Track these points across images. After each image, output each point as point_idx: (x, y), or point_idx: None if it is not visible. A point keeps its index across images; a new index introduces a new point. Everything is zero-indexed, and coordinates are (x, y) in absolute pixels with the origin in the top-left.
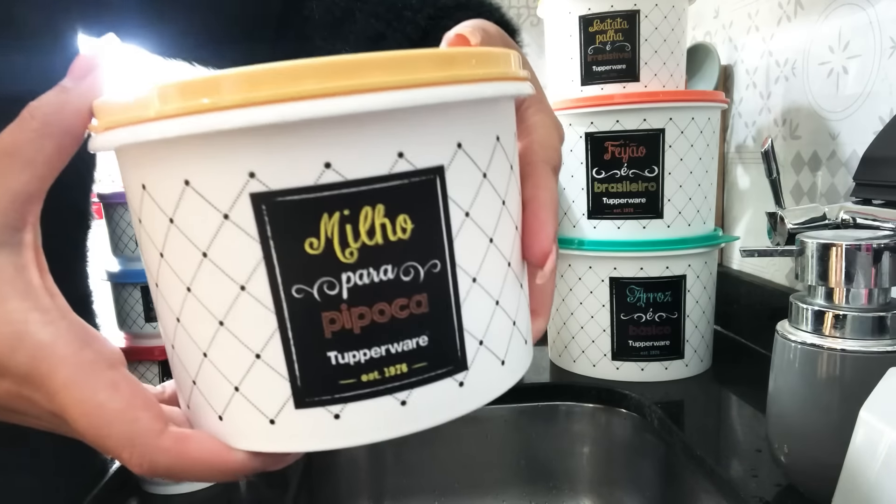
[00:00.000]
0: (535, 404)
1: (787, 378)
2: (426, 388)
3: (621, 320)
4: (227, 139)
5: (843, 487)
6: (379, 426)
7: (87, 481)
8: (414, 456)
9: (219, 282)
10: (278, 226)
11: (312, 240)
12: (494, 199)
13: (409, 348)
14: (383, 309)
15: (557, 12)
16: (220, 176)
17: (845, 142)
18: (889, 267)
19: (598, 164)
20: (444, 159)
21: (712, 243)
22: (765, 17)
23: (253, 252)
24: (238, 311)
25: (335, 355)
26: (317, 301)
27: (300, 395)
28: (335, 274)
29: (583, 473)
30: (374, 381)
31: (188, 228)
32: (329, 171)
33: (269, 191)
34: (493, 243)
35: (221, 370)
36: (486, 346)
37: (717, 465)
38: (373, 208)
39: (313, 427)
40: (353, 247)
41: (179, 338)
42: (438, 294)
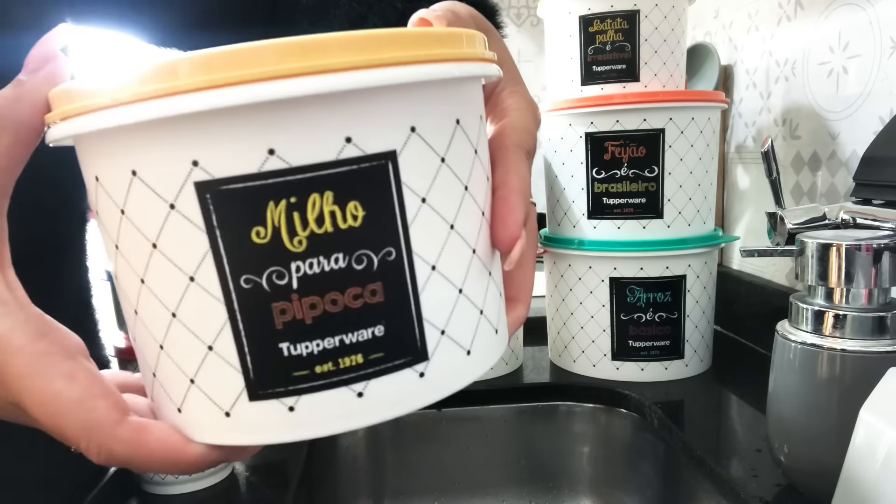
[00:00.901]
0: (535, 404)
1: (787, 378)
2: (384, 378)
3: (621, 320)
4: (169, 127)
5: (843, 487)
6: (334, 418)
7: (86, 481)
8: (414, 456)
9: (169, 273)
10: (224, 215)
11: (259, 228)
12: (455, 184)
13: (365, 338)
14: (336, 299)
15: (557, 12)
16: (165, 165)
17: (845, 142)
18: (889, 267)
19: (598, 164)
20: (396, 144)
21: (712, 243)
22: (765, 17)
23: (200, 242)
24: (189, 303)
25: (287, 346)
26: (266, 291)
27: (253, 388)
28: (284, 263)
29: (583, 473)
30: (328, 372)
31: (138, 219)
32: (273, 158)
33: (212, 179)
34: (454, 230)
35: (177, 362)
36: (448, 335)
37: (717, 465)
38: (321, 195)
39: (268, 419)
40: (301, 235)
41: (139, 330)
42: (394, 283)
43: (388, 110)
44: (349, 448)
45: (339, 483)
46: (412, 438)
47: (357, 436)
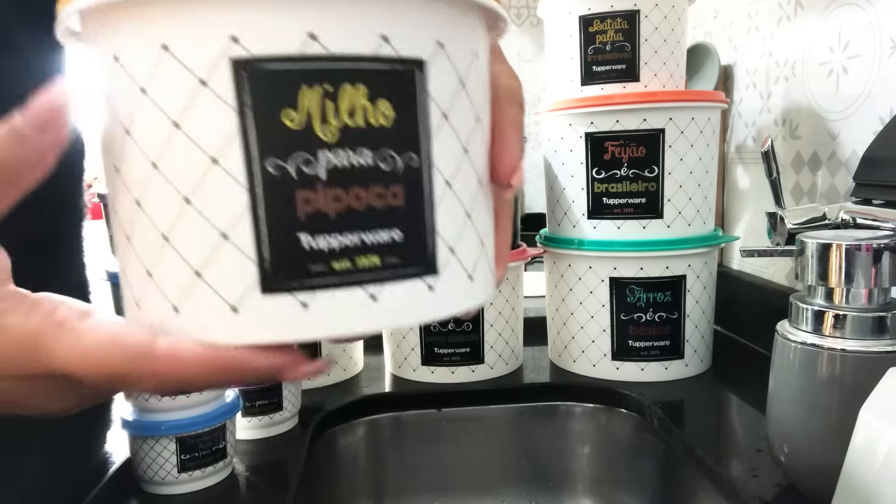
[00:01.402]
0: (535, 404)
1: (787, 378)
2: (397, 284)
3: (621, 320)
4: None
5: (843, 487)
6: (348, 319)
7: (86, 481)
8: (414, 456)
9: (189, 154)
10: (257, 94)
11: (291, 112)
12: (470, 111)
13: (383, 240)
14: (360, 195)
15: (557, 12)
16: (201, 39)
17: (845, 142)
18: (889, 267)
19: (598, 164)
20: (425, 54)
21: (712, 243)
22: (765, 17)
23: (229, 122)
24: (207, 187)
25: (307, 239)
26: (292, 178)
27: (268, 280)
28: (313, 151)
29: (583, 473)
30: (345, 270)
31: (161, 97)
32: (313, 43)
33: (250, 57)
34: (467, 154)
35: (183, 254)
36: (456, 255)
37: (717, 465)
38: (355, 88)
39: (279, 316)
40: (333, 125)
41: (138, 224)
42: (414, 189)
43: (420, 19)
44: (349, 448)
45: (339, 483)
46: (412, 438)
47: (357, 436)
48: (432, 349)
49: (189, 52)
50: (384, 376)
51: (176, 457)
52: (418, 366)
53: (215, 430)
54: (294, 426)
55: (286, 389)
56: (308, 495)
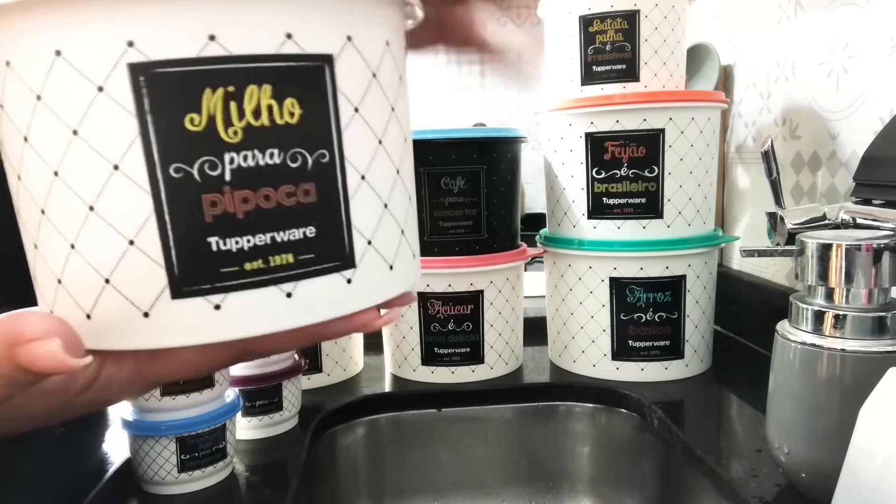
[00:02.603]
0: (535, 404)
1: (787, 378)
2: (313, 280)
3: (621, 320)
4: (104, 3)
5: (843, 487)
6: (263, 318)
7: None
8: (414, 456)
9: (90, 162)
10: (157, 99)
11: (193, 115)
12: (384, 102)
13: (296, 238)
14: (268, 194)
15: (557, 12)
16: (96, 44)
17: (845, 142)
18: (889, 267)
19: (598, 164)
20: (333, 49)
21: (712, 243)
22: (765, 17)
23: (129, 127)
24: (110, 194)
25: (216, 241)
26: (197, 182)
27: (177, 284)
28: (218, 153)
29: (583, 473)
30: (258, 269)
31: (57, 104)
32: (213, 44)
33: (148, 61)
34: (381, 145)
35: (91, 262)
36: (374, 246)
37: (717, 465)
38: (259, 87)
39: (192, 319)
40: (237, 126)
41: (44, 233)
42: (326, 185)
43: (328, 14)
44: (349, 448)
45: (339, 483)
46: (412, 438)
47: (357, 435)
48: (432, 349)
49: (84, 57)
50: (384, 376)
51: (176, 457)
52: (418, 366)
53: (215, 430)
54: (294, 426)
55: (286, 389)
56: (308, 495)
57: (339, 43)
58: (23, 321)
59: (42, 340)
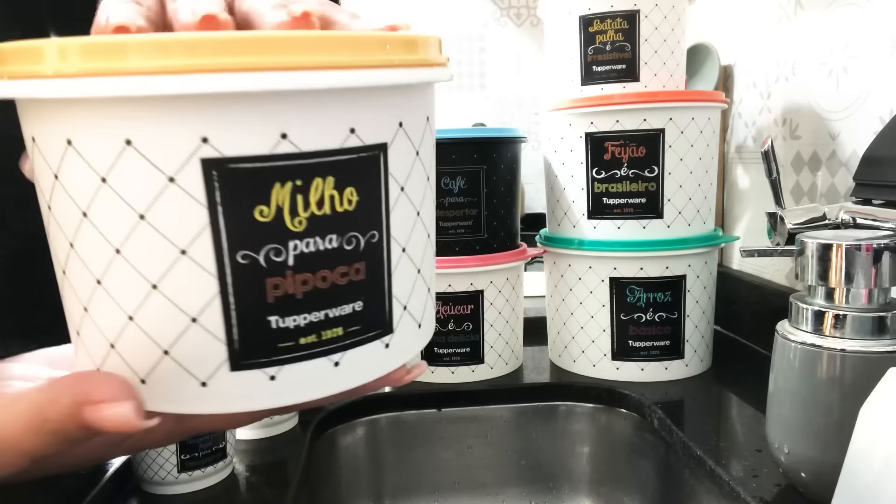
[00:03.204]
0: (535, 404)
1: (787, 378)
2: (357, 349)
3: (621, 320)
4: (180, 102)
5: (843, 487)
6: (312, 386)
7: (86, 480)
8: (414, 456)
9: (156, 245)
10: (228, 192)
11: (263, 207)
12: (423, 174)
13: (346, 313)
14: (325, 276)
15: (557, 12)
16: (169, 139)
17: (845, 142)
18: (889, 267)
19: (598, 164)
20: (388, 137)
21: (712, 243)
22: (765, 17)
23: (198, 217)
24: (175, 275)
25: (276, 319)
26: (262, 267)
27: (236, 359)
28: (283, 241)
29: (583, 473)
30: (311, 343)
31: (125, 190)
32: (284, 142)
33: (221, 157)
34: (419, 217)
35: (150, 334)
36: (408, 311)
37: (717, 465)
38: (324, 180)
39: (247, 388)
40: (302, 216)
41: (99, 301)
42: (374, 263)
43: (387, 106)
44: (349, 448)
45: (339, 483)
46: (412, 438)
47: (357, 436)
48: (432, 349)
49: (156, 149)
50: None
51: (176, 457)
52: None
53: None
54: (294, 426)
55: None
56: (308, 495)
57: (393, 131)
58: (91, 382)
59: (112, 402)
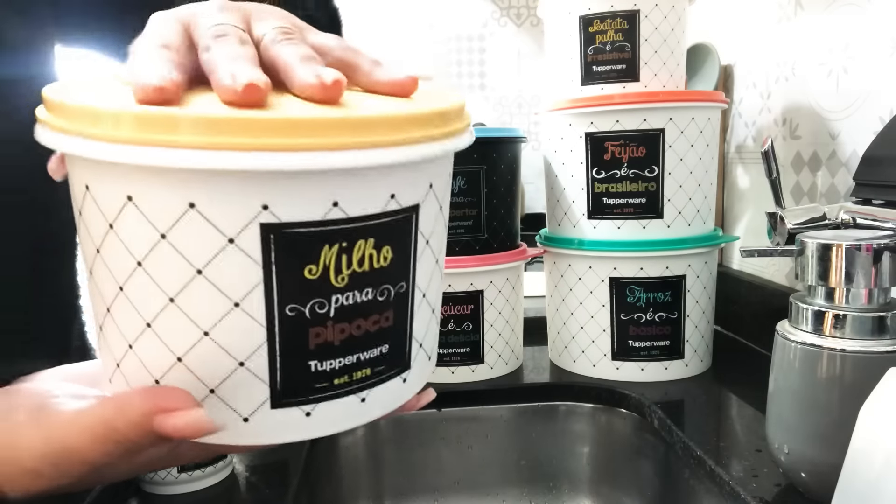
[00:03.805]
0: (535, 404)
1: (787, 378)
2: (381, 386)
3: (621, 320)
4: (244, 175)
5: (843, 487)
6: (342, 420)
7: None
8: (414, 456)
9: (211, 297)
10: (282, 254)
11: (312, 266)
12: (443, 225)
13: (374, 355)
14: (360, 324)
15: (557, 12)
16: (232, 205)
17: (845, 142)
18: (889, 267)
19: (598, 164)
20: (420, 199)
21: (712, 243)
22: (765, 17)
23: (254, 274)
24: (227, 325)
25: (315, 363)
26: (307, 318)
27: (277, 398)
28: (327, 296)
29: (583, 473)
30: (344, 383)
31: (184, 247)
32: (335, 209)
33: (278, 222)
34: (437, 263)
35: (198, 375)
36: (423, 347)
37: (717, 465)
38: (366, 241)
39: (285, 423)
40: (345, 273)
41: (147, 341)
42: (400, 310)
43: (421, 173)
44: (349, 448)
45: (339, 483)
46: (412, 438)
47: (357, 436)
48: None
49: (219, 214)
50: None
51: None
52: None
53: None
54: None
55: None
56: (308, 495)
57: (424, 192)
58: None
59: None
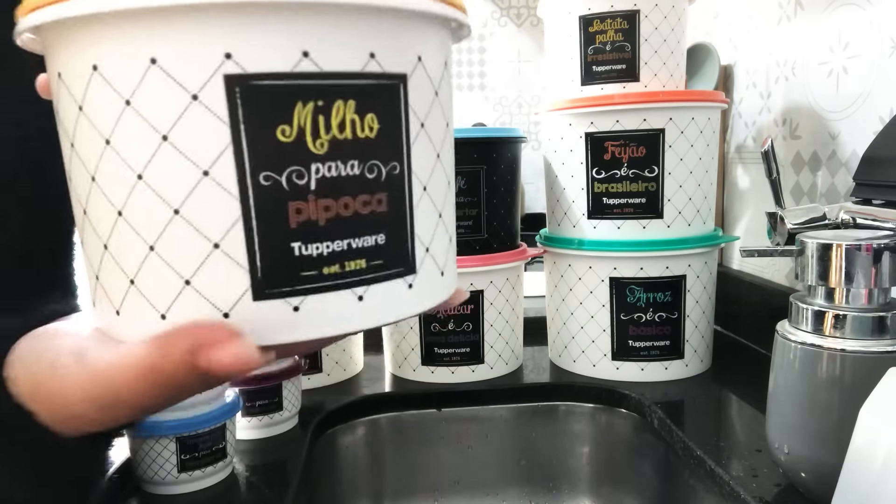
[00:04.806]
0: (535, 404)
1: (787, 378)
2: (381, 285)
3: (621, 320)
4: (203, 15)
5: (843, 487)
6: (335, 320)
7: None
8: (414, 456)
9: (178, 167)
10: (251, 110)
11: (285, 127)
12: (441, 118)
13: (368, 245)
14: (348, 203)
15: (557, 12)
16: (193, 55)
17: (845, 142)
18: (889, 267)
19: (598, 164)
20: (407, 69)
21: (712, 243)
22: (765, 17)
23: (221, 136)
24: (197, 199)
25: (299, 246)
26: (284, 190)
27: (260, 287)
28: (305, 164)
29: (583, 473)
30: (334, 274)
31: (148, 110)
32: (306, 60)
33: (244, 73)
34: (439, 159)
35: (171, 263)
36: (430, 253)
37: (717, 465)
38: (345, 102)
39: (271, 320)
40: (324, 138)
41: (120, 234)
42: (396, 195)
43: (405, 36)
44: (349, 448)
45: (339, 483)
46: (412, 438)
47: (357, 435)
48: (432, 349)
49: (180, 67)
50: (384, 376)
51: (176, 457)
52: (418, 366)
53: (215, 430)
54: (294, 426)
55: (286, 389)
56: (308, 495)
57: (412, 63)
58: (202, 329)
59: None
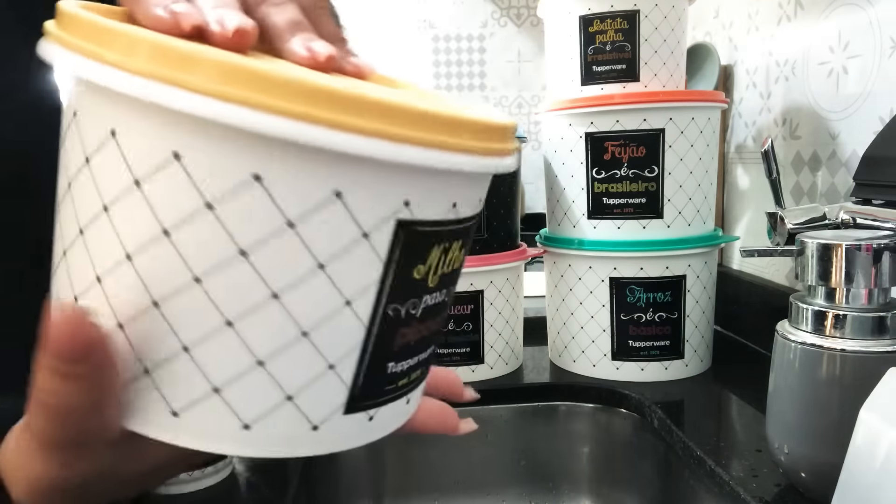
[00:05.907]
0: (535, 404)
1: (787, 378)
2: (420, 387)
3: (621, 320)
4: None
5: (843, 487)
6: (392, 422)
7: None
8: (414, 456)
9: (326, 296)
10: (404, 251)
11: (420, 266)
12: None
13: (425, 357)
14: (431, 326)
15: (557, 12)
16: (377, 197)
17: (845, 142)
18: (889, 267)
19: (598, 164)
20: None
21: (712, 243)
22: (765, 17)
23: (375, 272)
24: (332, 325)
25: (392, 365)
26: (401, 318)
27: (352, 402)
28: (421, 296)
29: (583, 473)
30: (403, 385)
31: (314, 239)
32: (453, 210)
33: (413, 220)
34: None
35: (279, 379)
36: None
37: (717, 465)
38: (458, 243)
39: (349, 430)
40: (437, 274)
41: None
42: (447, 312)
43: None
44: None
45: (339, 483)
46: (412, 438)
47: None
48: None
49: (363, 205)
50: None
51: None
52: None
53: None
54: None
55: None
56: (308, 495)
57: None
58: None
59: None
